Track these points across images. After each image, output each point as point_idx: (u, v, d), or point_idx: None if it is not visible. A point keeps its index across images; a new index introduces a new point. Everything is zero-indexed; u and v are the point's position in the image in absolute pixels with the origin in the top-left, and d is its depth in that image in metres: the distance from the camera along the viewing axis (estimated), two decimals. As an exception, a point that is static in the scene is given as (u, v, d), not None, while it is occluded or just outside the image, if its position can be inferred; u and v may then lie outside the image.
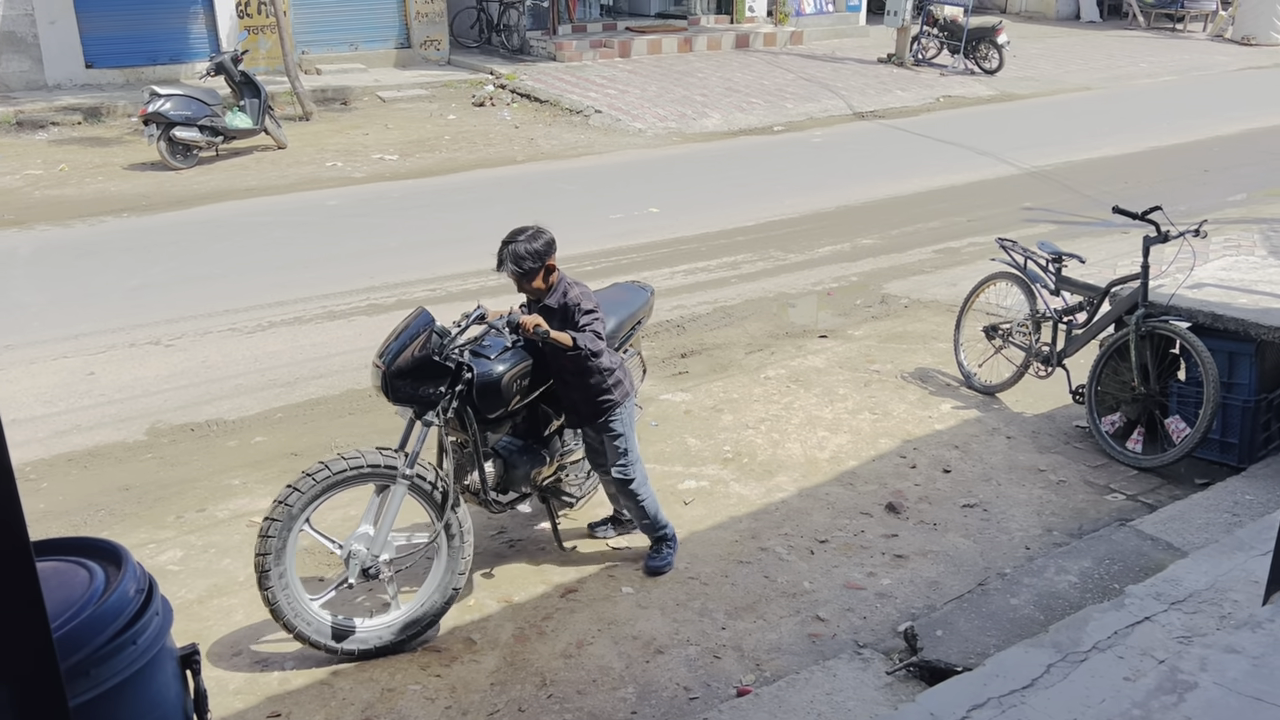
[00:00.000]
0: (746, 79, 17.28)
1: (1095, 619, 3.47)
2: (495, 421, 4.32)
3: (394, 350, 4.02)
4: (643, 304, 5.09)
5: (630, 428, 4.45)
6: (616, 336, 4.80)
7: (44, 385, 6.62)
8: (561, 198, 11.28)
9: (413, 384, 4.03)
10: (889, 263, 9.05)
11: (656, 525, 4.60)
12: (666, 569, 4.60)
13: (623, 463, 4.43)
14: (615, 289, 5.22)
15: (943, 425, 5.97)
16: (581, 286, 4.28)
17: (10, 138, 13.68)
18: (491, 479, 4.39)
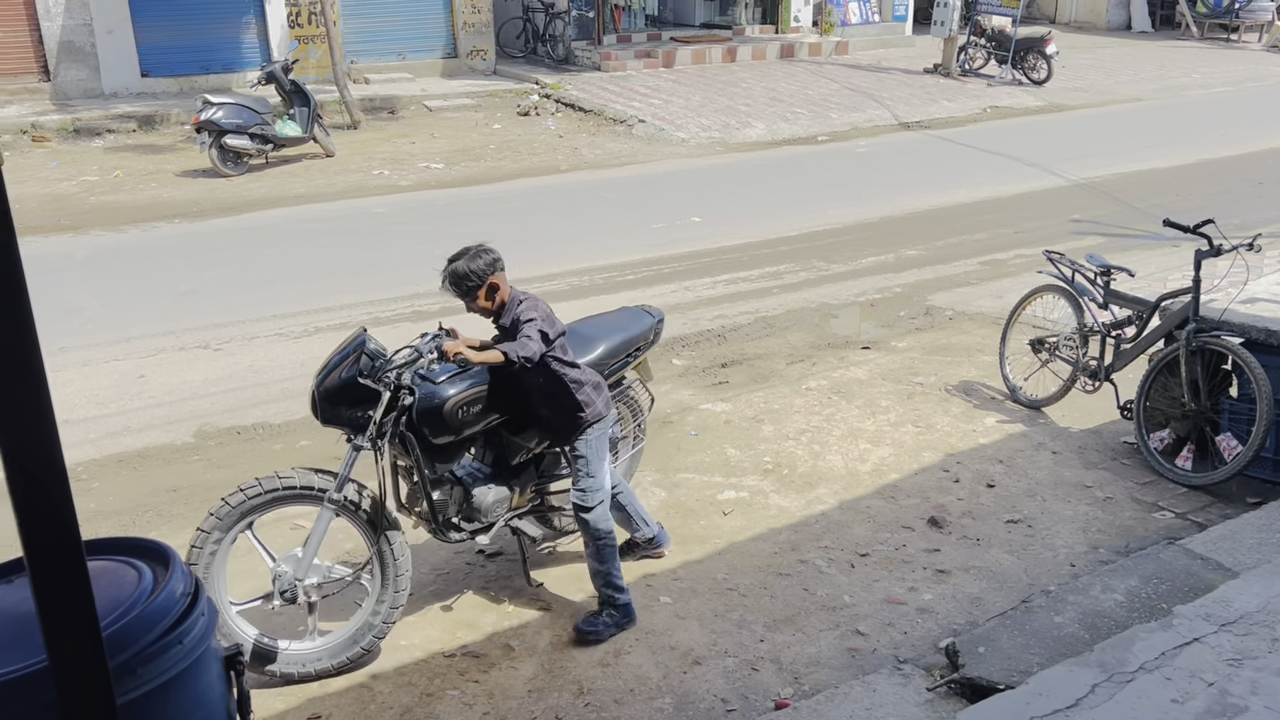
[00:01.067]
0: (790, 89, 17.25)
1: (1142, 639, 3.41)
2: (446, 448, 4.12)
3: (325, 370, 3.95)
4: (644, 330, 4.85)
5: (598, 454, 4.19)
6: (607, 363, 4.62)
7: (96, 387, 6.75)
8: (604, 206, 11.32)
9: (343, 407, 3.92)
10: (934, 274, 8.97)
11: (610, 579, 4.20)
12: (595, 639, 4.16)
13: (582, 488, 4.16)
14: (619, 313, 5.00)
15: (987, 439, 5.90)
16: (530, 300, 4.06)
17: (68, 145, 14.00)
18: (451, 507, 4.20)
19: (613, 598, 4.24)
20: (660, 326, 5.01)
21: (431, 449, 4.09)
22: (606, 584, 4.23)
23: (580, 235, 10.12)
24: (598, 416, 4.19)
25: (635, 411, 5.03)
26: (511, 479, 4.38)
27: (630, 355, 4.83)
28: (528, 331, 3.95)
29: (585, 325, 4.84)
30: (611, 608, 4.25)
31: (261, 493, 3.87)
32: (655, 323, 4.96)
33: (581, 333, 4.71)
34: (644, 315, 4.97)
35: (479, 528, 4.32)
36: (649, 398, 5.06)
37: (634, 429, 5.09)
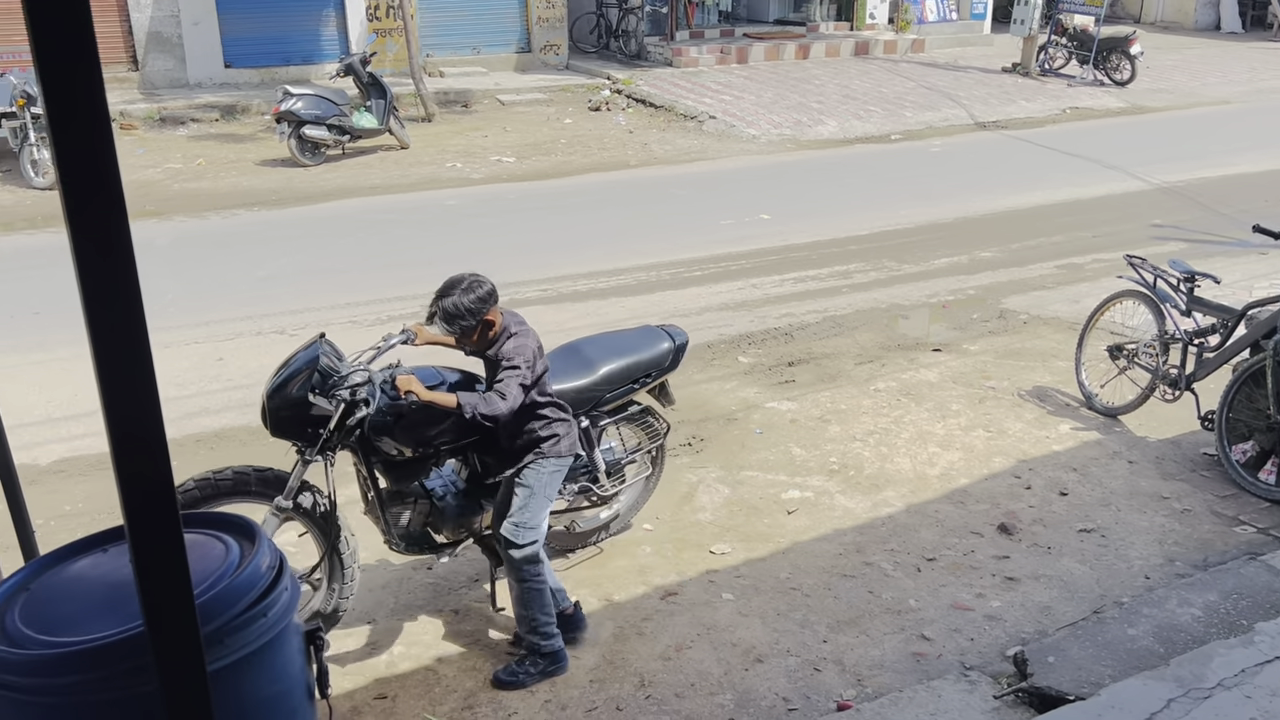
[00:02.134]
0: (864, 86, 17.07)
1: (1221, 655, 3.33)
2: (408, 463, 3.99)
3: (276, 384, 3.81)
4: (656, 355, 4.57)
5: (544, 491, 3.89)
6: (605, 389, 4.41)
7: (177, 369, 6.94)
8: (673, 202, 11.32)
9: (293, 422, 3.81)
10: (1008, 277, 8.82)
11: (534, 624, 3.85)
12: (515, 686, 3.85)
13: (515, 521, 3.83)
14: (634, 334, 4.73)
15: (1060, 446, 5.80)
16: (521, 337, 3.76)
17: (154, 132, 14.39)
18: (416, 519, 4.08)
19: (537, 645, 3.89)
20: (680, 353, 4.69)
21: (390, 462, 3.98)
22: (531, 630, 3.88)
23: (649, 230, 10.13)
24: (557, 454, 3.91)
25: (646, 437, 4.78)
26: (484, 497, 4.19)
27: (637, 381, 4.57)
28: (505, 386, 3.68)
29: (590, 345, 4.60)
30: (537, 655, 3.90)
31: (210, 485, 3.84)
32: (673, 348, 4.66)
33: (583, 353, 4.50)
34: (661, 339, 4.67)
35: (446, 543, 4.19)
36: (664, 425, 4.80)
37: (643, 457, 4.82)
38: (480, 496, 4.18)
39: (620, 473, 4.70)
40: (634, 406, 4.69)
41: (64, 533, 5.02)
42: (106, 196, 1.41)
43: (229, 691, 2.17)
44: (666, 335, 4.69)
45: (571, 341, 4.66)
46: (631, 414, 4.68)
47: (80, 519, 5.16)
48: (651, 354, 4.59)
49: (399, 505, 4.06)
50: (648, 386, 4.66)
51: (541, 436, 3.87)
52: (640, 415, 4.73)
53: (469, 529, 4.18)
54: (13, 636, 2.20)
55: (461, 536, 4.19)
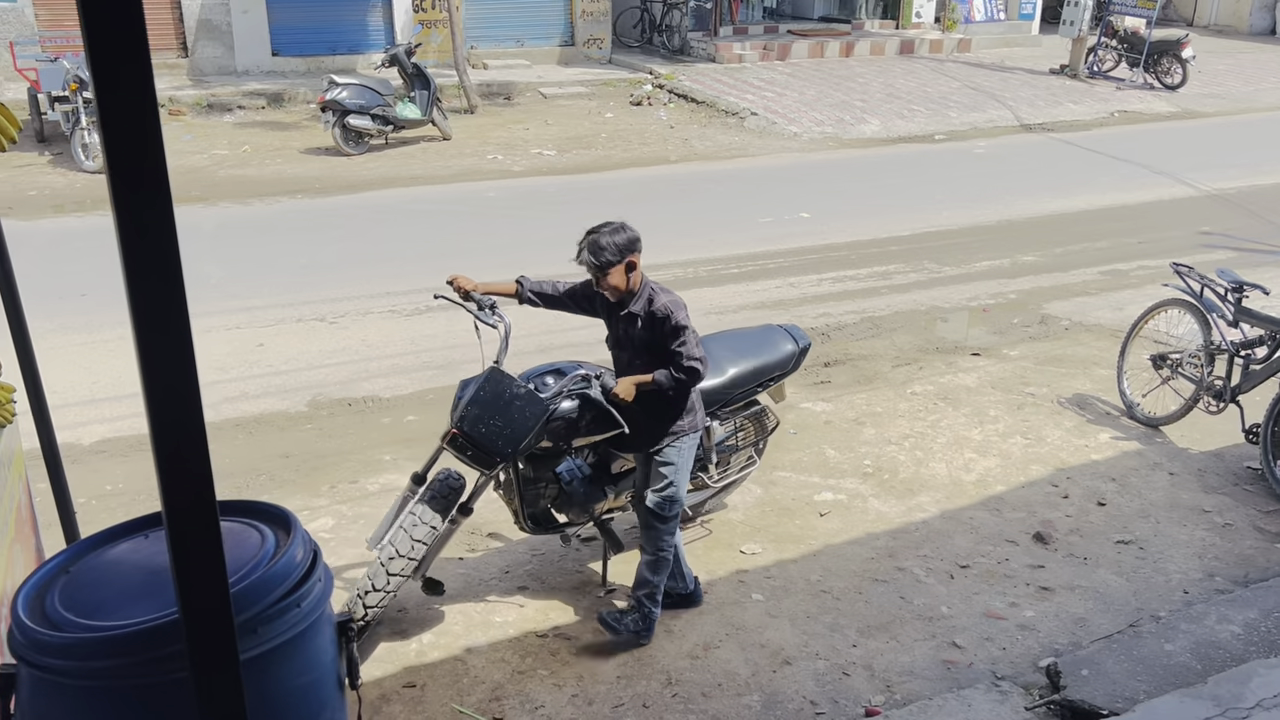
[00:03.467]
0: (909, 86, 16.92)
1: (1261, 675, 3.27)
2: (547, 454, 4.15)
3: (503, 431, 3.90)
4: (781, 358, 4.69)
5: (685, 465, 4.05)
6: (732, 391, 4.52)
7: (218, 354, 7.02)
8: (711, 198, 11.29)
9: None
10: (1050, 282, 8.71)
11: (654, 590, 4.09)
12: (611, 633, 4.08)
13: (663, 495, 4.00)
14: (760, 333, 4.84)
15: (1099, 456, 5.72)
16: (670, 295, 3.88)
17: (201, 119, 14.56)
18: (543, 501, 4.24)
19: (649, 610, 4.11)
20: (803, 355, 4.81)
21: (532, 454, 4.11)
22: (649, 595, 4.09)
23: (686, 227, 10.11)
24: (694, 428, 4.05)
25: (758, 432, 4.87)
26: (609, 483, 4.34)
27: (761, 385, 4.69)
28: (687, 348, 3.79)
29: (719, 343, 4.66)
30: (640, 615, 4.11)
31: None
32: (797, 352, 4.78)
33: (713, 352, 4.49)
34: (786, 341, 4.77)
35: (564, 524, 4.35)
36: (774, 421, 4.91)
37: (751, 449, 4.92)
38: (604, 483, 4.33)
39: (727, 461, 4.79)
40: (755, 407, 4.77)
41: (104, 512, 5.11)
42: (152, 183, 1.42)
43: (261, 680, 2.19)
44: (790, 337, 4.79)
45: (706, 335, 4.68)
46: (750, 411, 4.76)
47: (120, 498, 5.24)
48: (777, 357, 4.69)
49: (532, 489, 4.21)
50: (769, 388, 4.75)
51: (680, 411, 3.97)
52: (756, 413, 4.79)
53: (591, 513, 4.33)
54: (52, 619, 2.24)
55: (585, 520, 4.34)
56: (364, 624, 3.87)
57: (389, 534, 3.94)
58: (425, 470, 4.14)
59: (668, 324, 3.81)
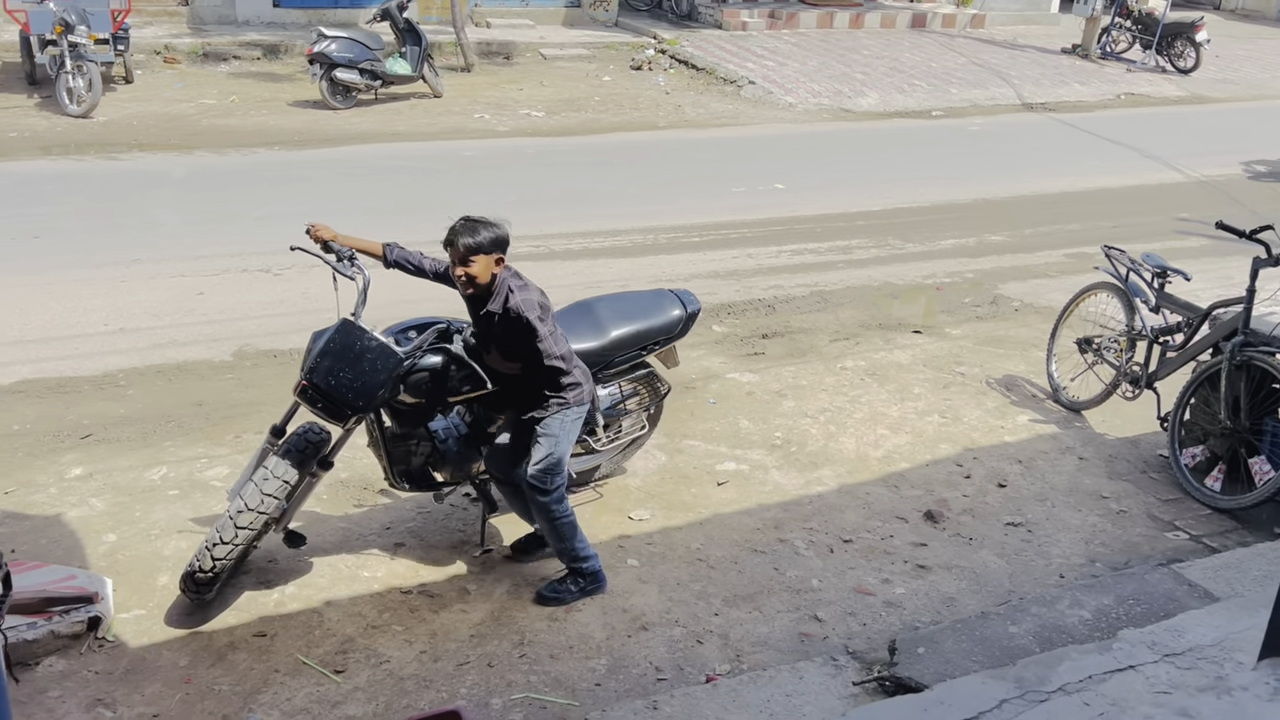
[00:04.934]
0: (913, 60, 16.65)
1: (1072, 660, 3.20)
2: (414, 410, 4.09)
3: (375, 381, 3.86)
4: (667, 322, 4.62)
5: (568, 437, 3.98)
6: (614, 352, 4.47)
7: (157, 300, 7.04)
8: (689, 166, 11.17)
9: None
10: (1012, 263, 8.58)
11: (574, 553, 4.09)
12: (558, 603, 4.11)
13: (541, 467, 3.92)
14: (647, 297, 4.76)
15: (1013, 437, 5.63)
16: (526, 291, 3.78)
17: (195, 68, 14.54)
18: (415, 459, 4.20)
19: (580, 568, 4.14)
20: (692, 320, 4.75)
21: (395, 408, 4.06)
22: (572, 558, 4.12)
23: (656, 193, 10.01)
24: (579, 401, 3.98)
25: (650, 396, 4.81)
26: (485, 442, 4.30)
27: (645, 348, 4.63)
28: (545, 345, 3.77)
29: (603, 305, 4.63)
30: (579, 576, 4.16)
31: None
32: (684, 316, 4.70)
33: (595, 314, 4.53)
34: (673, 306, 4.70)
35: (444, 483, 4.32)
36: (666, 386, 4.85)
37: (641, 414, 4.85)
38: (481, 442, 4.27)
39: (617, 425, 4.74)
40: (640, 371, 4.71)
41: (3, 452, 5.16)
42: None
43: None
44: (679, 302, 4.71)
45: (585, 300, 4.69)
46: (635, 375, 4.70)
47: (24, 439, 5.27)
48: (662, 321, 4.63)
49: (402, 446, 4.16)
50: (655, 352, 4.70)
51: (563, 385, 3.90)
52: (644, 376, 4.74)
53: (466, 472, 4.30)
54: None
55: (459, 478, 4.32)
56: (211, 575, 3.83)
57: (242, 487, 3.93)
58: (284, 423, 4.07)
59: (520, 322, 3.75)
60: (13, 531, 4.47)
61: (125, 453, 5.19)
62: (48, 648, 3.68)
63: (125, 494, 4.80)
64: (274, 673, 3.71)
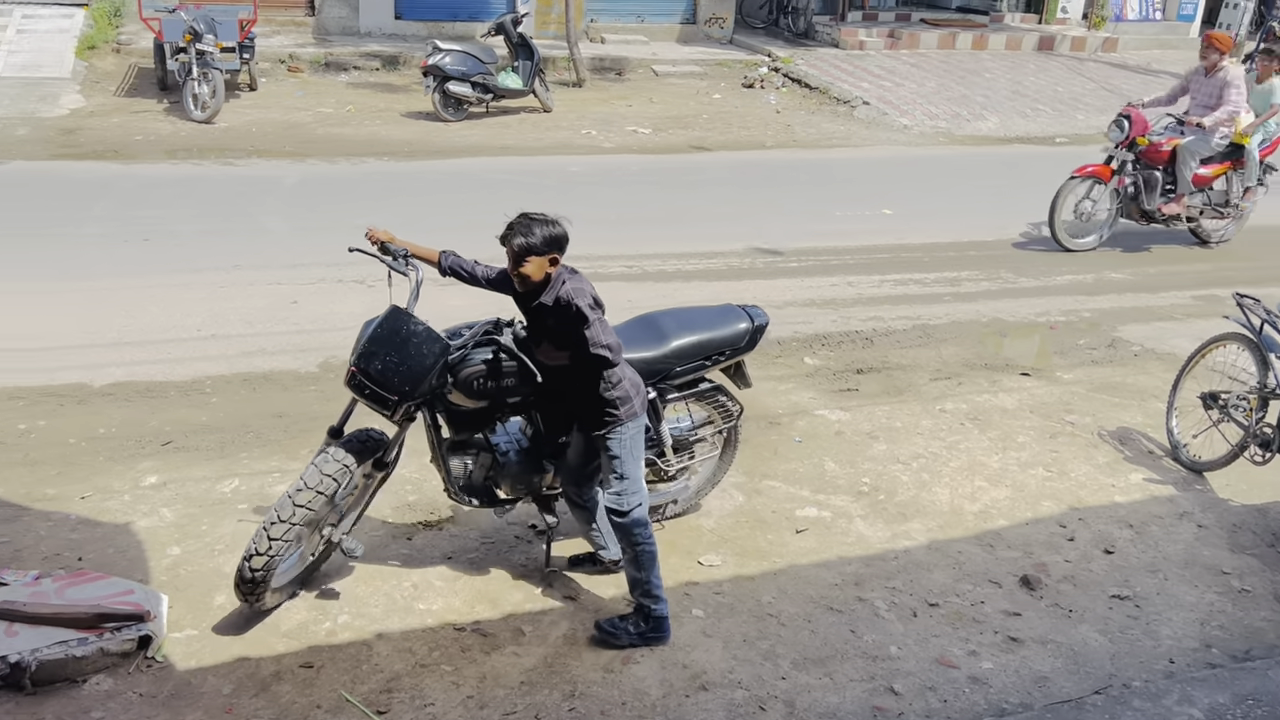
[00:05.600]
0: (1038, 84, 15.99)
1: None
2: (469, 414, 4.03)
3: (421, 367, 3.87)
4: (731, 334, 4.45)
5: (633, 453, 3.90)
6: (675, 362, 4.32)
7: (252, 307, 7.10)
8: (794, 188, 10.88)
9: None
10: (1134, 302, 8.04)
11: (647, 586, 3.95)
12: (613, 642, 3.94)
13: (616, 490, 3.88)
14: (712, 310, 4.61)
15: (1124, 498, 5.19)
16: (577, 281, 3.73)
17: (317, 77, 14.88)
18: (477, 473, 4.14)
19: (647, 608, 3.98)
20: (759, 334, 4.59)
21: (451, 411, 4.00)
22: (645, 593, 3.97)
23: (756, 215, 9.74)
24: (631, 415, 3.88)
25: (721, 417, 4.67)
26: (548, 456, 4.20)
27: (709, 358, 4.47)
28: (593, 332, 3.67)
29: (666, 317, 4.53)
30: (643, 618, 3.99)
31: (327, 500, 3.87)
32: (750, 329, 4.55)
33: (657, 325, 4.44)
34: (739, 318, 4.56)
35: (506, 499, 4.24)
36: (737, 407, 4.67)
37: (715, 436, 4.71)
38: (544, 456, 4.19)
39: (688, 450, 4.61)
40: (705, 384, 4.57)
41: (87, 454, 5.22)
42: None
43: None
44: (745, 315, 4.58)
45: (648, 313, 4.59)
46: (702, 391, 4.56)
47: (107, 443, 5.32)
48: (726, 332, 4.48)
49: (461, 455, 4.11)
50: (720, 365, 4.56)
51: (613, 398, 3.82)
52: (711, 394, 4.60)
53: (530, 486, 4.22)
54: None
55: (521, 493, 4.24)
56: (264, 565, 3.71)
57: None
58: (341, 424, 4.01)
59: (570, 310, 3.66)
60: (83, 539, 4.48)
61: (201, 462, 5.18)
62: (96, 665, 3.64)
63: (195, 505, 4.78)
64: (316, 708, 3.59)
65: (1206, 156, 9.07)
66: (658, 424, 4.42)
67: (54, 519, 4.61)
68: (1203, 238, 9.41)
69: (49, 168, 10.13)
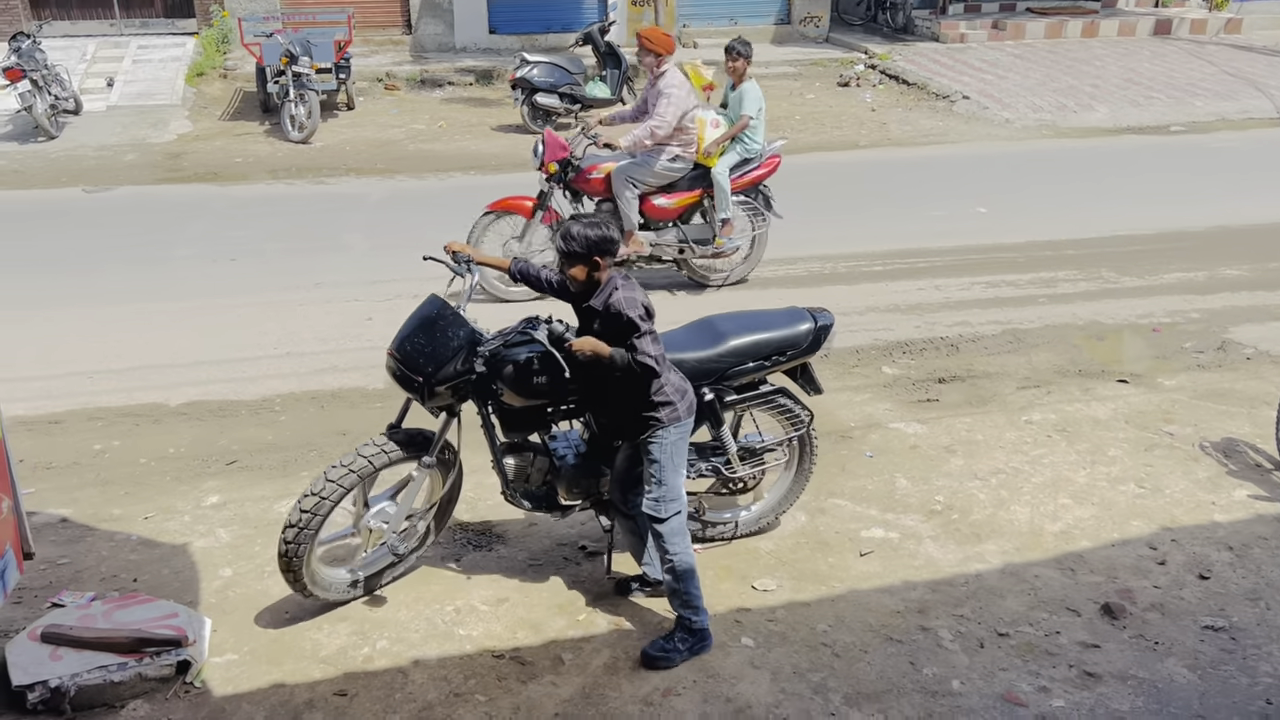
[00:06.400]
0: (1153, 70, 15.17)
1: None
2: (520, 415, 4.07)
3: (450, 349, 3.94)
4: (791, 335, 4.35)
5: (673, 460, 3.85)
6: (731, 363, 4.24)
7: (328, 324, 7.18)
8: (885, 188, 10.53)
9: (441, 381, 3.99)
10: (1250, 301, 7.46)
11: (685, 598, 3.88)
12: (665, 665, 3.84)
13: (654, 496, 3.85)
14: (774, 312, 4.51)
15: (1225, 517, 4.76)
16: (630, 290, 3.70)
17: (413, 93, 15.14)
18: (534, 476, 4.17)
19: (687, 620, 3.90)
20: (822, 334, 4.43)
21: (503, 412, 4.06)
22: (683, 604, 3.90)
23: (842, 217, 9.45)
24: (674, 419, 3.83)
25: (788, 424, 4.53)
26: (606, 462, 4.17)
27: (769, 359, 4.34)
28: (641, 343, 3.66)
29: (725, 319, 4.46)
30: (685, 631, 3.91)
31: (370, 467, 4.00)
32: (813, 329, 4.41)
33: (715, 326, 4.38)
34: (801, 319, 4.44)
35: (567, 504, 4.25)
36: (806, 414, 4.50)
37: (785, 445, 4.57)
38: (601, 461, 4.20)
39: (757, 458, 4.50)
40: (765, 387, 4.47)
41: (155, 474, 5.31)
42: None
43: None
44: (808, 316, 4.47)
45: (708, 316, 4.54)
46: (764, 394, 4.46)
47: (175, 462, 5.42)
48: (786, 333, 4.38)
49: (515, 457, 4.18)
50: (781, 366, 4.45)
51: (656, 402, 3.81)
52: (774, 398, 4.48)
53: (587, 491, 4.23)
54: None
55: (579, 498, 4.25)
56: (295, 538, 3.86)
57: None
58: (398, 421, 4.19)
59: (620, 318, 3.67)
60: (141, 560, 4.54)
61: (262, 481, 5.22)
62: (134, 690, 3.65)
63: (251, 526, 4.80)
64: (345, 738, 3.53)
65: (667, 184, 7.52)
66: (718, 427, 4.36)
67: (116, 540, 4.69)
68: (699, 280, 7.78)
69: (152, 191, 10.52)
